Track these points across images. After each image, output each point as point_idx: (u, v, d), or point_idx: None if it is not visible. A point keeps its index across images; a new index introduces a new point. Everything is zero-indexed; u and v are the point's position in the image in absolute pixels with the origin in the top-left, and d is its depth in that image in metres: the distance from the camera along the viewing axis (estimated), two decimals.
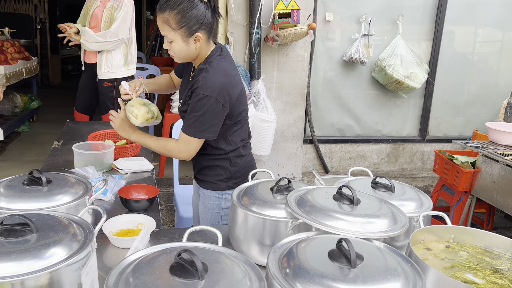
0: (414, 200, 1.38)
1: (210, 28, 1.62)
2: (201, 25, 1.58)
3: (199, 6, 1.56)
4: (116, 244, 1.36)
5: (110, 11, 3.32)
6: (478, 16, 4.13)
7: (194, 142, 1.64)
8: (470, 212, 2.85)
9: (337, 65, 3.96)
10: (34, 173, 1.31)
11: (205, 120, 1.60)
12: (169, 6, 1.55)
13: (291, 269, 0.90)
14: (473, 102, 4.33)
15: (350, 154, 4.13)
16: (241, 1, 3.37)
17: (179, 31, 1.57)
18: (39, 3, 8.08)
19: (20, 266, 0.86)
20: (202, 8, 1.56)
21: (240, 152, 1.80)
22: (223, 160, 1.77)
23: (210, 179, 1.81)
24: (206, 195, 1.83)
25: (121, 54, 3.40)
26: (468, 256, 1.15)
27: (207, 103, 1.58)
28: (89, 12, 3.43)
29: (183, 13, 1.54)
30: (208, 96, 1.57)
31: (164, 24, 1.58)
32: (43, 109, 6.03)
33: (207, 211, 1.84)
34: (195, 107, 1.60)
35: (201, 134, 1.62)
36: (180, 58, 1.67)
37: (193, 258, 0.85)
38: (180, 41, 1.59)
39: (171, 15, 1.55)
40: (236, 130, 1.75)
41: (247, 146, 1.86)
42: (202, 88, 1.57)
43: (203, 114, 1.59)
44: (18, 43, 5.32)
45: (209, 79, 1.58)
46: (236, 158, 1.78)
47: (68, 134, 2.66)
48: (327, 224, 1.11)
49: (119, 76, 3.41)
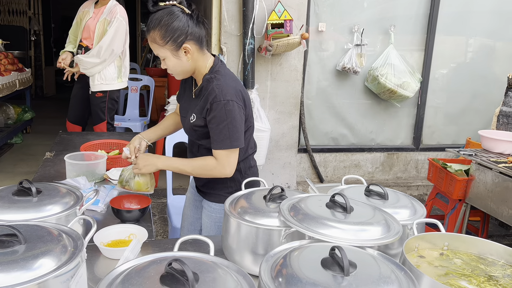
0: (408, 208, 1.38)
1: (198, 37, 1.59)
2: (187, 36, 1.56)
3: (181, 17, 1.55)
4: (107, 255, 1.34)
5: (103, 25, 3.34)
6: (470, 26, 4.18)
7: (234, 153, 1.61)
8: (464, 220, 2.85)
9: (331, 74, 3.98)
10: (23, 184, 1.29)
11: (235, 127, 1.58)
12: (153, 25, 1.55)
13: (284, 278, 0.89)
14: (466, 111, 4.36)
15: (345, 163, 4.13)
16: (235, 12, 3.40)
17: (167, 46, 1.56)
18: (33, 15, 8.09)
19: (7, 278, 0.85)
20: (184, 19, 1.55)
21: (250, 163, 1.79)
22: (235, 172, 1.72)
23: (218, 192, 1.77)
24: (213, 208, 1.79)
25: (114, 66, 3.41)
26: (462, 263, 1.14)
27: (232, 108, 1.56)
28: (82, 24, 3.44)
29: (166, 27, 1.53)
30: (230, 101, 1.56)
31: (153, 43, 1.58)
32: (37, 120, 6.00)
33: (213, 224, 1.80)
34: (221, 116, 1.56)
35: (236, 143, 1.59)
36: (177, 74, 1.66)
37: (184, 268, 0.84)
38: (171, 56, 1.59)
39: (155, 32, 1.55)
40: (246, 138, 1.73)
41: (253, 156, 1.84)
42: (221, 95, 1.56)
43: (232, 121, 1.57)
44: (11, 55, 5.32)
45: (223, 86, 1.57)
46: (247, 170, 1.78)
47: (61, 145, 2.64)
48: (320, 232, 1.10)
49: (112, 88, 3.43)
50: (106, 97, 3.44)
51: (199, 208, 1.93)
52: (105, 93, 3.42)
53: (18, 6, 7.93)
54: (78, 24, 3.51)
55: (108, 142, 2.46)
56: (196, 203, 1.95)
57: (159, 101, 5.61)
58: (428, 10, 4.03)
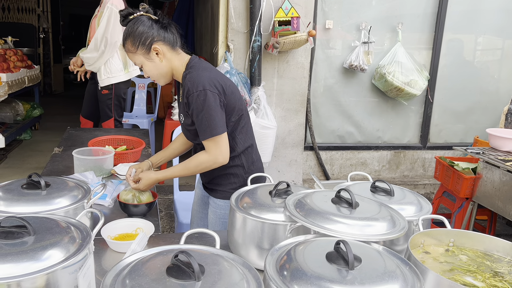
0: (414, 204, 1.38)
1: (166, 38, 1.64)
2: (153, 37, 1.62)
3: (145, 22, 1.62)
4: (114, 248, 1.36)
5: (99, 19, 3.32)
6: (478, 23, 4.14)
7: (220, 140, 1.63)
8: (471, 218, 2.84)
9: (337, 72, 3.97)
10: (33, 177, 1.31)
11: (212, 115, 1.60)
12: (124, 36, 1.65)
13: (289, 271, 0.90)
14: (474, 109, 4.33)
15: (351, 161, 4.12)
16: (242, 9, 3.40)
17: (138, 51, 1.63)
18: (42, 12, 8.16)
19: (17, 268, 0.86)
20: (148, 23, 1.62)
21: (252, 157, 1.81)
22: (236, 167, 1.77)
23: (223, 188, 1.79)
24: (218, 205, 1.81)
25: (118, 58, 3.39)
26: (468, 259, 1.14)
27: (205, 97, 1.59)
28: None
29: (132, 34, 1.62)
30: (202, 91, 1.58)
31: (128, 53, 1.66)
32: (45, 117, 6.05)
33: (218, 220, 1.82)
34: (197, 107, 1.60)
35: (216, 130, 1.61)
36: (157, 78, 1.71)
37: (190, 260, 0.85)
38: (145, 61, 1.65)
39: (127, 42, 1.64)
40: (242, 127, 1.76)
41: (256, 151, 1.86)
42: (193, 87, 1.59)
43: (207, 109, 1.59)
44: (20, 52, 5.36)
45: (195, 78, 1.61)
46: (250, 165, 1.80)
47: (69, 141, 2.66)
48: (325, 227, 1.10)
49: (119, 80, 3.41)
50: (112, 94, 3.45)
51: (207, 204, 1.95)
52: (111, 90, 3.43)
53: (27, 4, 8.00)
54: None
55: (115, 138, 2.48)
56: (204, 199, 1.97)
57: (166, 98, 5.64)
58: (436, 8, 4.00)
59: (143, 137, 2.69)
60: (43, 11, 8.19)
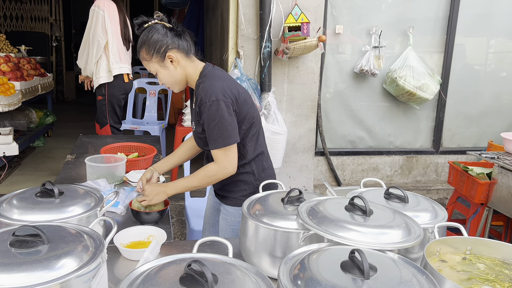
0: (429, 211, 1.36)
1: (181, 46, 1.66)
2: (168, 45, 1.64)
3: (159, 30, 1.64)
4: (126, 256, 1.36)
5: None
6: (490, 26, 4.10)
7: (230, 150, 1.63)
8: (487, 224, 2.79)
9: (348, 77, 3.95)
10: (46, 185, 1.32)
11: (225, 125, 1.60)
12: (139, 45, 1.68)
13: (303, 281, 0.89)
14: (487, 113, 4.27)
15: (363, 166, 4.09)
16: (251, 15, 3.41)
17: (153, 59, 1.65)
18: (54, 21, 8.29)
19: (31, 277, 0.86)
20: (162, 31, 1.64)
21: (263, 164, 1.80)
22: (247, 174, 1.77)
23: (233, 195, 1.79)
24: (229, 211, 1.81)
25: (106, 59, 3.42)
26: (486, 268, 1.11)
27: (218, 107, 1.58)
28: None
29: (147, 42, 1.64)
30: (215, 101, 1.58)
31: (143, 61, 1.69)
32: (58, 124, 6.12)
33: (228, 227, 1.82)
34: (209, 117, 1.59)
35: (229, 140, 1.61)
36: (171, 85, 1.72)
37: (203, 269, 0.84)
38: (160, 69, 1.67)
39: (142, 50, 1.67)
40: (253, 135, 1.75)
41: (268, 158, 1.84)
42: (206, 97, 1.59)
43: (220, 119, 1.59)
44: (34, 60, 5.45)
45: (208, 87, 1.61)
46: (260, 172, 1.79)
47: (81, 148, 2.69)
48: (339, 235, 1.09)
49: (108, 80, 3.43)
50: (106, 100, 3.49)
51: (218, 211, 1.95)
52: (104, 96, 3.49)
53: (40, 13, 8.14)
54: None
55: (127, 145, 2.49)
56: (216, 206, 1.96)
57: (177, 104, 5.67)
58: (447, 12, 3.97)
59: (154, 144, 2.70)
60: (56, 20, 8.32)
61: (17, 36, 7.06)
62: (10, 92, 4.06)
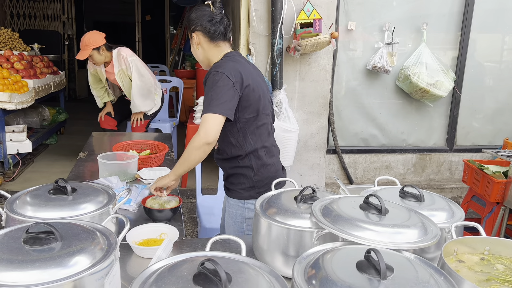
0: (445, 210, 1.33)
1: (209, 31, 1.73)
2: (196, 26, 1.74)
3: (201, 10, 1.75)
4: (139, 254, 1.36)
5: (122, 74, 3.69)
6: (506, 23, 4.02)
7: (209, 118, 1.60)
8: (503, 224, 2.73)
9: (360, 74, 3.91)
10: (59, 182, 1.32)
11: (216, 95, 1.60)
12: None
13: (318, 281, 0.87)
14: (503, 110, 4.19)
15: (375, 165, 4.04)
16: (263, 12, 3.39)
17: (189, 34, 1.80)
18: (67, 20, 8.35)
19: (45, 274, 0.86)
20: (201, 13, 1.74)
21: (263, 160, 1.78)
22: (246, 168, 1.77)
23: (234, 188, 1.81)
24: (230, 204, 1.84)
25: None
26: (505, 269, 1.09)
27: (219, 78, 1.62)
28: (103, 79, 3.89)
29: (188, 18, 1.79)
30: (219, 72, 1.63)
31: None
32: (70, 122, 6.17)
33: (231, 220, 1.85)
34: (208, 85, 1.66)
35: (214, 108, 1.60)
36: (199, 62, 1.85)
37: (217, 268, 0.83)
38: (191, 41, 1.80)
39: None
40: (255, 128, 1.74)
41: (272, 154, 1.83)
42: (214, 68, 1.68)
43: (214, 89, 1.62)
44: (46, 58, 5.49)
45: (220, 64, 1.70)
46: (260, 167, 1.77)
47: (93, 145, 2.70)
48: (354, 234, 1.07)
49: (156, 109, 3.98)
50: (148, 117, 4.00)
51: None
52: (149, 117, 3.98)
53: (52, 12, 8.21)
54: (95, 76, 3.94)
55: (139, 143, 2.50)
56: (225, 201, 1.98)
57: (188, 102, 5.67)
58: (462, 8, 3.89)
59: (166, 141, 2.70)
60: (68, 18, 8.39)
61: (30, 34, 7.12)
62: (23, 90, 4.09)
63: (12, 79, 4.03)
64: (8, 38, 5.20)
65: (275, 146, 1.87)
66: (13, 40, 5.25)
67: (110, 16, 10.55)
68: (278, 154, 1.88)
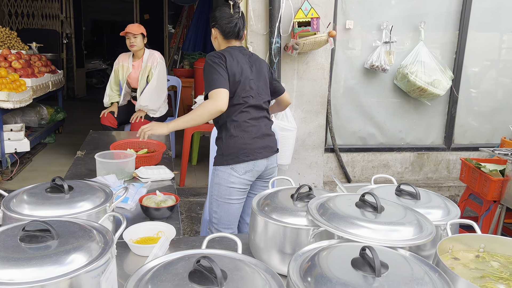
0: (441, 208, 1.33)
1: (224, 29, 2.08)
2: (215, 24, 2.09)
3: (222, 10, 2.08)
4: (136, 252, 1.36)
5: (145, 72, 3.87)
6: (503, 21, 4.03)
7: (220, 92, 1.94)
8: (500, 222, 2.75)
9: (358, 73, 3.91)
10: (56, 181, 1.32)
11: (210, 76, 1.97)
12: None
13: (313, 278, 0.88)
14: (500, 109, 4.20)
15: (373, 163, 4.05)
16: (261, 11, 3.39)
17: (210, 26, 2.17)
18: (65, 18, 8.34)
19: (41, 272, 0.86)
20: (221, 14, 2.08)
21: (231, 133, 2.05)
22: (218, 138, 2.12)
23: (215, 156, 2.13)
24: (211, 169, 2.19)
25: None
26: (500, 266, 1.09)
27: (207, 63, 2.00)
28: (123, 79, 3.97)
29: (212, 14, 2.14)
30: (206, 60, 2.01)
31: None
32: (68, 121, 6.16)
33: (210, 185, 2.16)
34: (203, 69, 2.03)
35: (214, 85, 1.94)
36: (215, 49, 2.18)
37: (212, 265, 0.83)
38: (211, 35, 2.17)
39: None
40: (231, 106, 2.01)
41: (242, 129, 2.05)
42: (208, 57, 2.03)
43: (207, 73, 1.98)
44: (44, 57, 5.48)
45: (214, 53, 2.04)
46: (228, 138, 2.05)
47: (91, 144, 2.70)
48: (349, 231, 1.08)
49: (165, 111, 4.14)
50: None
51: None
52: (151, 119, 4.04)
53: (51, 11, 8.20)
54: (116, 75, 4.00)
55: (136, 141, 2.50)
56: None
57: (186, 101, 5.67)
58: (460, 6, 3.90)
59: (164, 140, 2.70)
60: (66, 17, 8.38)
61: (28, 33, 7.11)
62: (21, 89, 4.09)
63: (10, 78, 4.02)
64: (6, 37, 5.19)
65: (249, 124, 2.06)
66: (11, 39, 5.24)
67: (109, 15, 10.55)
68: (253, 132, 2.07)
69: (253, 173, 2.07)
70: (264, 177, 2.16)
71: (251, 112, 2.07)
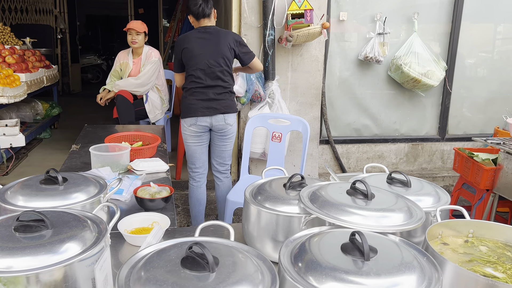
0: (431, 195, 1.35)
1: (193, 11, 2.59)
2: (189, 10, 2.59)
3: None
4: (130, 242, 1.37)
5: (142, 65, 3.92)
6: (497, 12, 4.04)
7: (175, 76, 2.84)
8: (492, 210, 2.77)
9: (352, 64, 3.92)
10: (50, 173, 1.33)
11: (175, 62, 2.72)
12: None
13: (304, 263, 0.89)
14: (494, 100, 4.23)
15: (368, 154, 4.08)
16: (254, 3, 3.39)
17: None
18: (59, 13, 8.28)
19: (35, 261, 0.88)
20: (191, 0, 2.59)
21: (184, 95, 2.73)
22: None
23: None
24: None
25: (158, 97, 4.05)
26: (488, 250, 1.11)
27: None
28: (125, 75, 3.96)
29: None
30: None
31: None
32: (64, 116, 6.15)
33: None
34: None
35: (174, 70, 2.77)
36: None
37: (204, 251, 0.85)
38: None
39: None
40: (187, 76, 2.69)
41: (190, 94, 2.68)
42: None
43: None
44: (39, 52, 5.46)
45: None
46: (183, 99, 2.74)
47: (86, 138, 2.70)
48: (340, 218, 1.09)
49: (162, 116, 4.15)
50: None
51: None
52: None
53: (44, 5, 8.14)
54: (118, 71, 3.99)
55: (131, 134, 2.50)
56: None
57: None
58: None
59: (159, 134, 2.71)
60: (60, 12, 8.32)
61: (22, 28, 7.07)
62: (15, 84, 4.08)
63: (4, 73, 4.00)
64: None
65: (196, 90, 2.65)
66: (4, 34, 5.21)
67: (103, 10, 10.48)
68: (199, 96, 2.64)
69: (197, 126, 2.68)
70: (217, 131, 2.74)
71: (199, 81, 2.63)
